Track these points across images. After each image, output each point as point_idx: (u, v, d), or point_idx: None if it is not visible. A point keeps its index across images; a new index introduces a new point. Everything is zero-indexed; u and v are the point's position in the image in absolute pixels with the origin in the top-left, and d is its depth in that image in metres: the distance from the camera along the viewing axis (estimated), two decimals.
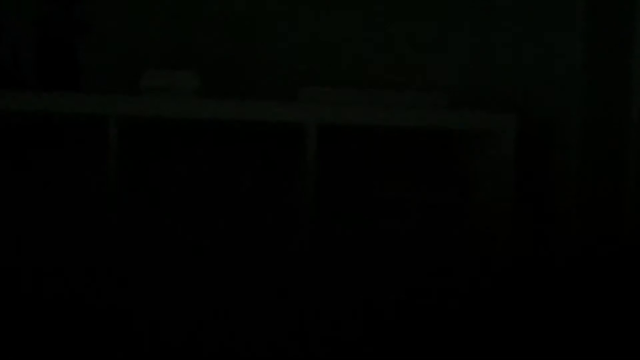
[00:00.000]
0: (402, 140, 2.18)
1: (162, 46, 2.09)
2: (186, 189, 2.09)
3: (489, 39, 2.19)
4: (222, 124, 2.06)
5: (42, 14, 2.00)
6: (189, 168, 2.09)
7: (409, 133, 2.18)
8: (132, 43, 2.08)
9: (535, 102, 1.98)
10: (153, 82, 1.81)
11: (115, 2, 2.07)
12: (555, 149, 1.89)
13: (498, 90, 2.15)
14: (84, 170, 2.05)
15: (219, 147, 2.10)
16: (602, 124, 1.74)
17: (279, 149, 2.13)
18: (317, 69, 2.16)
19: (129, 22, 2.08)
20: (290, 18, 2.14)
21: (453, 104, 2.22)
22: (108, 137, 1.74)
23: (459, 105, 2.21)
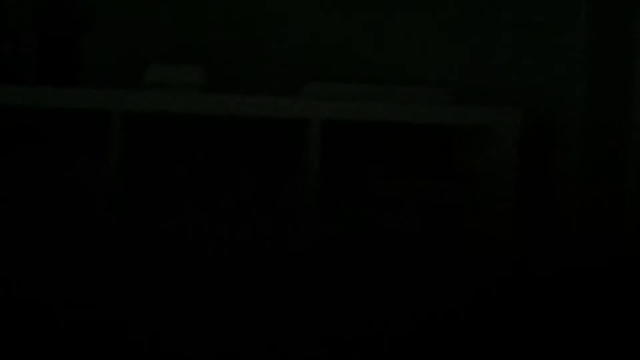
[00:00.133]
0: (406, 136, 2.19)
1: (165, 41, 2.09)
2: (189, 184, 2.09)
3: (491, 38, 2.19)
4: (225, 120, 2.06)
5: (44, 9, 2.00)
6: (192, 163, 2.09)
7: (414, 129, 2.18)
8: (134, 38, 2.08)
9: (536, 101, 1.99)
10: (156, 77, 1.80)
11: None
12: (556, 148, 1.89)
13: (499, 89, 2.15)
14: (86, 166, 2.05)
15: (221, 143, 2.10)
16: (603, 123, 1.75)
17: (282, 145, 2.13)
18: (320, 65, 2.16)
19: (132, 18, 2.08)
20: (293, 13, 2.14)
21: (457, 101, 2.22)
22: (111, 132, 1.73)
23: (463, 102, 2.22)
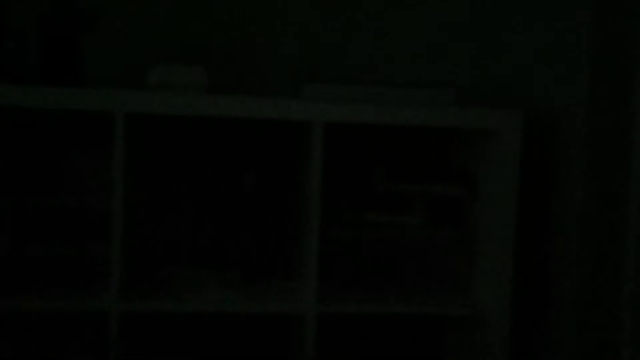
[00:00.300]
0: (408, 138, 2.18)
1: (166, 43, 2.09)
2: (190, 185, 2.09)
3: (493, 38, 2.19)
4: (227, 121, 2.06)
5: (47, 10, 2.00)
6: (193, 164, 2.09)
7: (415, 131, 2.18)
8: (136, 39, 2.08)
9: (538, 103, 1.99)
10: (159, 78, 1.80)
11: None
12: (558, 148, 1.89)
13: (502, 89, 2.15)
14: (89, 166, 2.04)
15: (223, 144, 2.10)
16: (605, 126, 1.75)
17: (283, 146, 2.13)
18: (320, 67, 2.16)
19: (134, 19, 2.08)
20: (293, 15, 2.14)
21: (459, 102, 2.22)
22: (115, 132, 1.73)
23: (465, 103, 2.22)
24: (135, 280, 1.99)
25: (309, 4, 2.15)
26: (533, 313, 1.98)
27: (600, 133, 1.77)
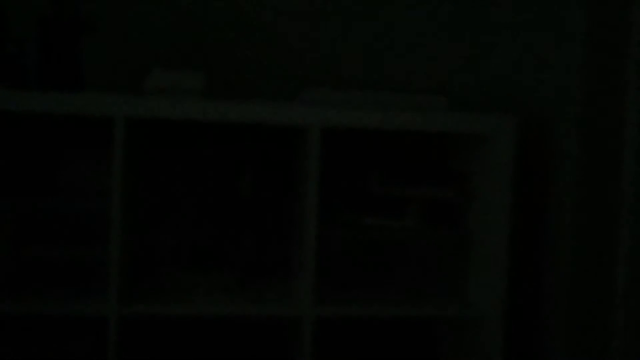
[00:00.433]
0: (404, 142, 2.20)
1: (165, 47, 2.10)
2: (189, 187, 2.10)
3: (488, 42, 2.21)
4: (225, 124, 2.07)
5: (46, 15, 2.01)
6: (191, 167, 2.10)
7: (409, 135, 2.19)
8: (135, 44, 2.09)
9: (532, 107, 2.00)
10: (158, 82, 1.81)
11: (120, 2, 2.08)
12: (552, 150, 1.90)
13: (495, 93, 2.16)
14: (88, 168, 2.05)
15: (222, 147, 2.11)
16: (600, 128, 1.76)
17: (281, 149, 2.14)
18: (318, 72, 2.17)
19: (133, 23, 2.09)
20: (292, 20, 2.15)
21: (452, 107, 2.23)
22: (114, 137, 1.74)
23: (458, 108, 2.23)
24: (133, 282, 2.00)
25: (307, 9, 2.16)
26: (528, 314, 2.00)
27: (593, 134, 1.78)
